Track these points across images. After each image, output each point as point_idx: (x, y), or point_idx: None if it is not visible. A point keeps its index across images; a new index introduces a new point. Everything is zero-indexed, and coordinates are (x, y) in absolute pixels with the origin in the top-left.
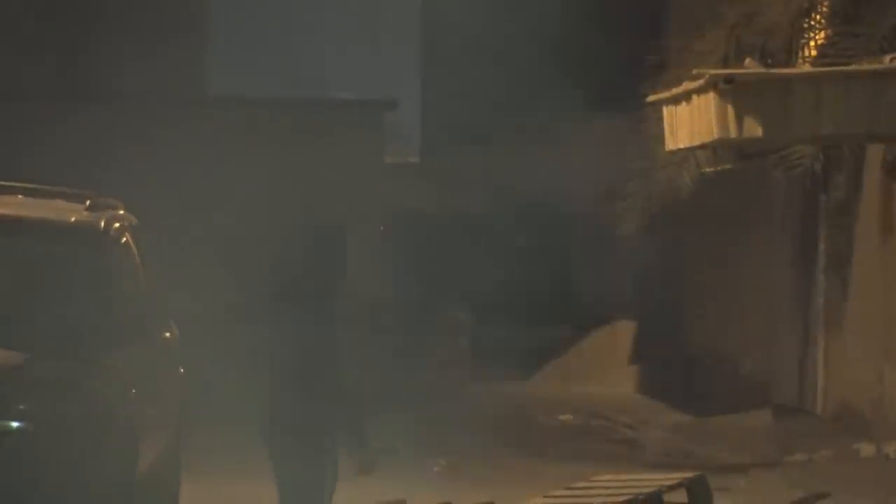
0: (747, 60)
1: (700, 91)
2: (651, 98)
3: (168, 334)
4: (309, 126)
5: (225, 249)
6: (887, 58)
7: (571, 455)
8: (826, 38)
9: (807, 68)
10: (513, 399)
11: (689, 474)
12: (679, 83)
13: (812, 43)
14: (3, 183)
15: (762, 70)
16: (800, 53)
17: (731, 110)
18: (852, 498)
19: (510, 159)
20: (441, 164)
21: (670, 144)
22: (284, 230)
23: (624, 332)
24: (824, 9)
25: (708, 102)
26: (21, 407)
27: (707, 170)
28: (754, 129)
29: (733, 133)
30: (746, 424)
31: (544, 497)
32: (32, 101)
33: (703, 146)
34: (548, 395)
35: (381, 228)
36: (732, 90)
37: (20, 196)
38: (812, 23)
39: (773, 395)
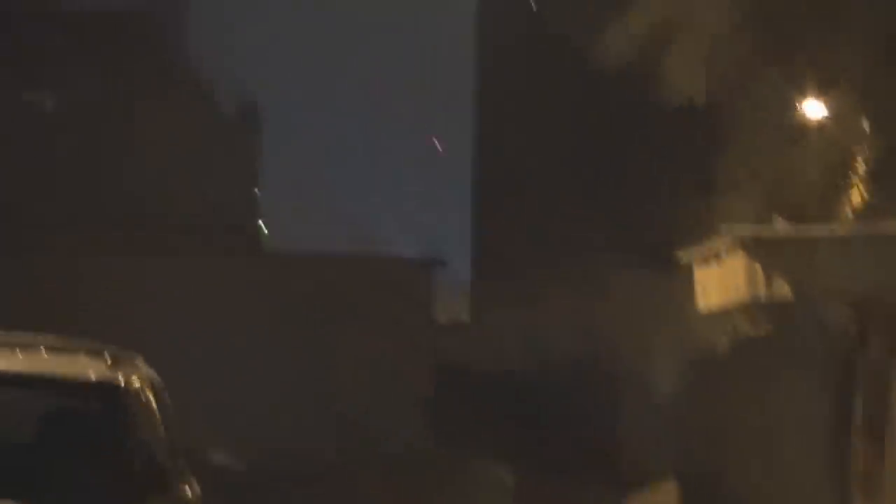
0: (778, 220)
1: (730, 250)
2: (683, 258)
3: (188, 489)
4: (360, 282)
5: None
6: None
7: None
8: (862, 198)
9: (838, 228)
10: None
11: None
12: (713, 240)
13: (848, 203)
14: (26, 336)
15: (792, 230)
16: (836, 213)
17: (759, 269)
18: None
19: (557, 320)
20: (486, 322)
21: (702, 305)
22: None
23: (667, 494)
24: (860, 170)
25: (738, 262)
26: None
27: (745, 330)
28: (783, 288)
29: (763, 292)
30: None
31: None
32: (92, 256)
33: (734, 306)
34: None
35: (428, 386)
36: (762, 249)
37: (42, 350)
38: (848, 183)
39: None
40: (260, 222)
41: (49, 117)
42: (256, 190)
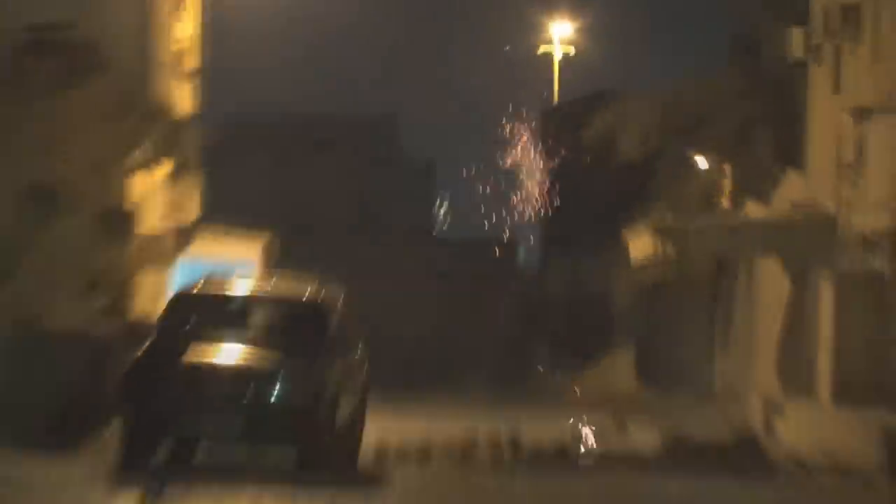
0: (668, 216)
1: (644, 232)
2: (624, 235)
3: (361, 348)
4: (484, 252)
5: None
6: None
7: (602, 408)
8: (727, 203)
9: (701, 221)
10: (574, 385)
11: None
12: (638, 227)
13: (717, 208)
14: (280, 272)
15: (676, 222)
16: (709, 212)
17: (659, 240)
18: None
19: (576, 267)
20: (546, 271)
21: (633, 258)
22: None
23: (628, 352)
24: (725, 188)
25: (648, 238)
26: (279, 383)
27: (667, 273)
28: (670, 250)
29: (660, 252)
30: (685, 396)
31: None
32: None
33: (649, 261)
34: (592, 382)
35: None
36: (661, 231)
37: (286, 280)
38: (717, 196)
39: (694, 381)
40: (435, 225)
41: (326, 175)
42: (434, 208)
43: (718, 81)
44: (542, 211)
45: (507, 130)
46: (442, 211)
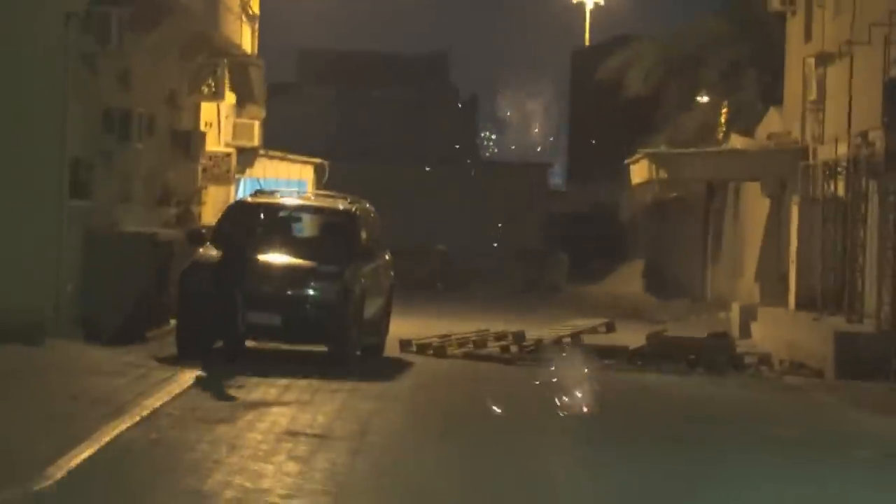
0: (662, 146)
1: (641, 159)
2: (627, 161)
3: (387, 256)
4: (517, 175)
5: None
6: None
7: (608, 313)
8: (721, 135)
9: (692, 150)
10: (587, 293)
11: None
12: (636, 154)
13: (711, 139)
14: (321, 191)
15: (668, 150)
16: (704, 143)
17: (653, 166)
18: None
19: (596, 189)
20: (571, 192)
21: (632, 181)
22: None
23: (638, 264)
24: (722, 119)
25: (644, 163)
26: (313, 284)
27: (663, 195)
28: (663, 175)
29: (654, 176)
30: (681, 303)
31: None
32: (380, 163)
33: (644, 182)
34: (603, 291)
35: (544, 219)
36: (655, 158)
37: (324, 196)
38: (711, 128)
39: (690, 290)
40: (477, 151)
41: (382, 107)
42: (477, 136)
43: (712, 26)
44: (569, 139)
45: (544, 69)
46: (484, 139)
